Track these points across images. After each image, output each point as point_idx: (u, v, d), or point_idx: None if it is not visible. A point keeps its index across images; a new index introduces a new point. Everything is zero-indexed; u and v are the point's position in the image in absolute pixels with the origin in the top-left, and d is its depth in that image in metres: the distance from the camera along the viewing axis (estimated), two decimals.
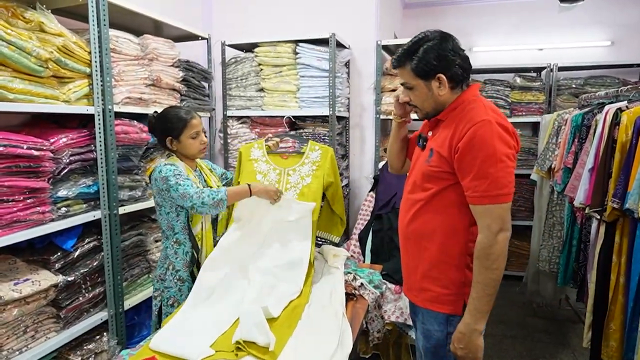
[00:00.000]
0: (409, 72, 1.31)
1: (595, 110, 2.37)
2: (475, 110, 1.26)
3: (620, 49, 4.13)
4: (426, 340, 1.40)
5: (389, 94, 3.06)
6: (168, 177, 1.64)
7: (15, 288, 1.57)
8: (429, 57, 1.28)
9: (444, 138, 1.29)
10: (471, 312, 1.23)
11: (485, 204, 1.20)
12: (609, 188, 1.90)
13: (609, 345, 1.94)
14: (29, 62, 1.56)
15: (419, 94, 1.34)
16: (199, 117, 1.82)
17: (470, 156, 1.20)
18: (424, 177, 1.35)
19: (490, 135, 1.19)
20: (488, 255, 1.20)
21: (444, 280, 1.33)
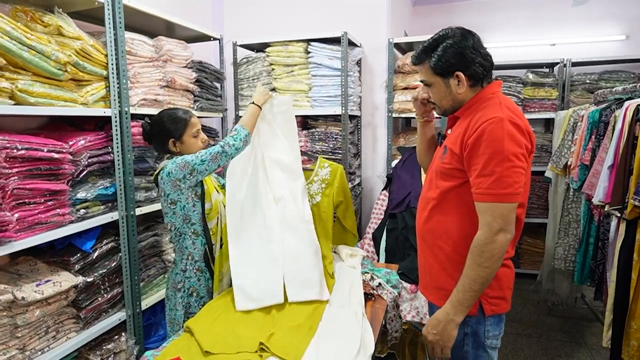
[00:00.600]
0: (428, 69, 1.32)
1: (613, 106, 2.34)
2: (489, 108, 1.25)
3: (635, 43, 4.07)
4: None
5: (401, 92, 3.05)
6: (186, 160, 1.61)
7: (37, 289, 1.59)
8: (448, 55, 1.27)
9: (457, 135, 1.29)
10: (453, 303, 1.22)
11: (487, 201, 1.18)
12: (630, 185, 1.87)
13: (630, 344, 1.92)
14: (48, 65, 1.57)
15: (437, 91, 1.35)
16: (197, 116, 1.84)
17: (478, 153, 1.19)
18: (437, 175, 1.36)
19: (500, 132, 1.17)
20: (482, 252, 1.18)
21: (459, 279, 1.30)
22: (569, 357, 2.71)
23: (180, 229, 1.72)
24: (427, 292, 1.47)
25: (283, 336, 1.28)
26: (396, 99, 3.04)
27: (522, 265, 4.00)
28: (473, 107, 1.31)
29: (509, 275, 1.35)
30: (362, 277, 1.73)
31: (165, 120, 1.76)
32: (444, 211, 1.33)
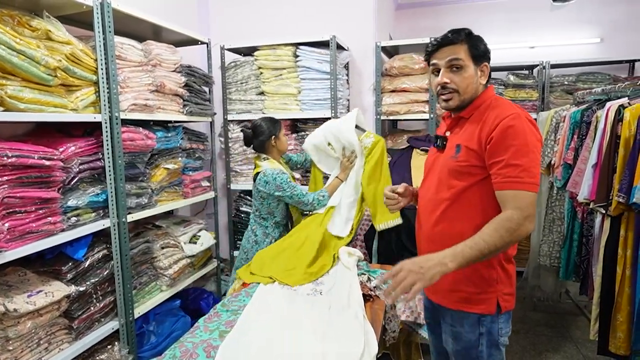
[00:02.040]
0: (465, 50, 1.30)
1: (594, 107, 2.42)
2: (504, 106, 1.29)
3: (609, 46, 4.22)
4: (456, 342, 1.38)
5: (389, 94, 3.08)
6: (283, 187, 2.13)
7: (29, 300, 1.55)
8: (483, 44, 1.33)
9: (471, 132, 1.30)
10: (456, 252, 1.15)
11: (516, 189, 1.19)
12: (614, 183, 1.94)
13: (616, 336, 1.99)
14: (38, 71, 1.54)
15: (468, 76, 1.31)
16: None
17: (505, 144, 1.21)
18: (450, 174, 1.34)
19: (522, 127, 1.22)
20: (509, 228, 1.17)
21: (476, 279, 1.32)
22: (556, 352, 2.78)
23: (263, 216, 2.25)
24: (436, 296, 1.44)
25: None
26: (384, 101, 3.08)
27: None
28: (482, 107, 1.33)
29: (515, 271, 1.38)
30: (359, 278, 1.74)
31: (264, 124, 2.27)
32: (459, 211, 1.32)
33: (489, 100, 1.33)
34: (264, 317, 1.43)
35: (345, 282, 1.67)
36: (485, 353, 1.34)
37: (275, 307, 1.50)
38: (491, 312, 1.31)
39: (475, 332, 1.33)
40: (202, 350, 1.25)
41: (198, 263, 2.67)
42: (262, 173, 2.16)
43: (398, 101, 3.04)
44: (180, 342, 1.32)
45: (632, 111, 1.88)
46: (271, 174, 2.13)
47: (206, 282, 3.12)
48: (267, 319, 1.42)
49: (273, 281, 1.69)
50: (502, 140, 1.21)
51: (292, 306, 1.50)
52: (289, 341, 1.31)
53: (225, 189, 3.17)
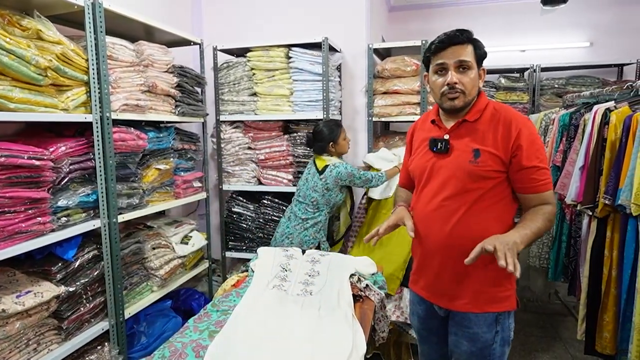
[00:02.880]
0: (471, 53, 1.34)
1: (582, 110, 2.46)
2: (509, 110, 1.38)
3: (599, 50, 4.28)
4: (472, 343, 1.39)
5: (381, 96, 3.10)
6: (354, 173, 2.46)
7: (17, 300, 1.55)
8: (484, 48, 1.38)
9: (492, 138, 1.34)
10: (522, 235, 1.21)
11: (550, 189, 1.34)
12: (600, 185, 1.98)
13: (602, 336, 2.02)
14: (28, 70, 1.54)
15: (474, 78, 1.35)
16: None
17: (533, 150, 1.31)
18: (470, 178, 1.34)
19: (536, 132, 1.36)
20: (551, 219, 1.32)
21: (498, 278, 1.35)
22: (545, 352, 2.81)
23: (319, 206, 2.50)
24: (460, 303, 1.40)
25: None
26: (376, 103, 3.10)
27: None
28: (486, 110, 1.37)
29: None
30: (349, 279, 1.75)
31: (325, 130, 2.53)
32: (478, 214, 1.34)
33: (490, 104, 1.39)
34: (254, 318, 1.44)
35: (336, 283, 1.68)
36: (498, 351, 1.39)
37: (265, 307, 1.50)
38: (513, 307, 1.39)
39: (492, 332, 1.37)
40: (192, 350, 1.26)
41: (189, 264, 2.67)
42: (333, 165, 2.45)
43: (390, 103, 3.06)
44: (169, 342, 1.32)
45: (617, 114, 1.91)
46: (344, 165, 2.47)
47: (198, 283, 3.12)
48: (257, 319, 1.43)
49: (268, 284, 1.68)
50: (530, 146, 1.31)
51: (282, 306, 1.51)
52: (278, 341, 1.32)
53: (217, 189, 3.17)
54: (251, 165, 3.08)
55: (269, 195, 3.07)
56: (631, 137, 1.81)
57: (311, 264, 1.80)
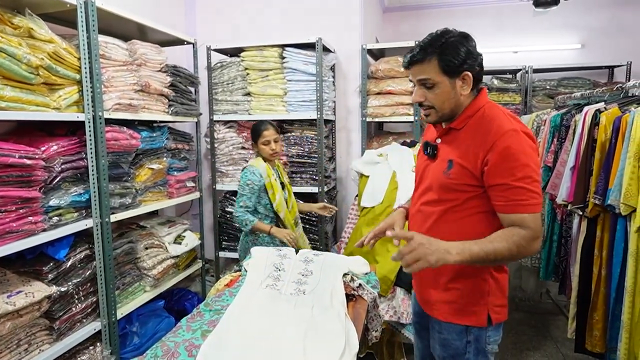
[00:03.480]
0: (435, 67, 1.21)
1: (573, 111, 2.49)
2: (499, 120, 1.20)
3: (590, 52, 4.33)
4: (443, 349, 1.38)
5: (375, 97, 3.12)
6: (240, 185, 2.28)
7: (8, 301, 1.54)
8: (460, 52, 1.20)
9: (465, 149, 1.23)
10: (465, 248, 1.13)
11: (522, 212, 1.15)
12: (590, 185, 2.00)
13: (592, 335, 2.04)
14: (20, 69, 1.53)
15: (441, 93, 1.23)
16: (273, 129, 2.31)
17: (505, 166, 1.15)
18: (442, 190, 1.29)
19: (521, 144, 1.15)
20: (519, 245, 1.14)
21: (467, 292, 1.30)
22: (536, 350, 2.84)
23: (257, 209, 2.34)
24: (427, 306, 1.43)
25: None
26: (369, 103, 3.11)
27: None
28: (475, 117, 1.25)
29: (507, 280, 1.36)
30: (342, 278, 1.76)
31: (253, 128, 2.37)
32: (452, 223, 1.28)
33: (481, 110, 1.25)
34: (247, 317, 1.44)
35: (329, 282, 1.68)
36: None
37: (258, 306, 1.50)
38: (482, 324, 1.30)
39: (462, 340, 1.33)
40: (184, 349, 1.26)
41: (182, 264, 2.67)
42: (245, 168, 2.33)
43: (383, 103, 3.08)
44: (162, 342, 1.32)
45: (607, 115, 1.94)
46: (245, 171, 2.29)
47: (191, 283, 3.11)
48: (250, 319, 1.43)
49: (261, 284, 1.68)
50: (502, 162, 1.15)
51: (275, 306, 1.51)
52: (271, 340, 1.32)
53: (211, 189, 3.17)
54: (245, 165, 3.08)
55: None
56: (620, 138, 1.83)
57: (304, 263, 1.80)
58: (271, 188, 2.30)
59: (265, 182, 2.28)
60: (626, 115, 1.83)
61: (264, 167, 2.30)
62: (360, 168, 2.85)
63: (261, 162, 2.32)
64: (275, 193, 2.31)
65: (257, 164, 2.31)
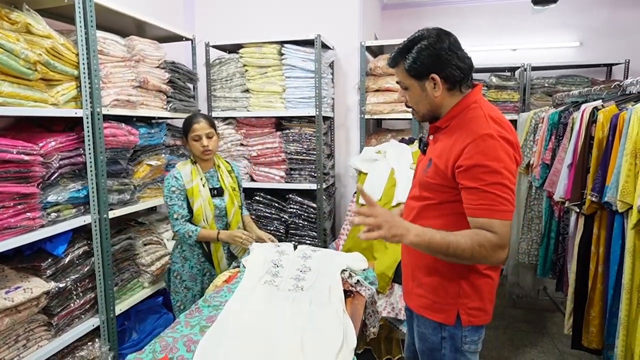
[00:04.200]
0: (403, 72, 1.28)
1: (571, 109, 2.49)
2: (476, 121, 1.20)
3: (589, 50, 4.33)
4: (422, 342, 1.43)
5: (373, 94, 3.12)
6: (165, 193, 2.01)
7: (7, 296, 1.54)
8: (422, 56, 1.23)
9: (441, 149, 1.26)
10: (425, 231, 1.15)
11: (489, 217, 1.13)
12: (588, 183, 2.01)
13: (589, 331, 2.05)
14: (17, 64, 1.52)
15: (413, 95, 1.30)
16: (206, 123, 2.02)
17: (475, 171, 1.15)
18: (422, 187, 1.34)
19: (495, 151, 1.14)
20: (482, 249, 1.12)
21: (439, 289, 1.32)
22: (533, 346, 2.86)
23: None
24: (407, 298, 1.49)
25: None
26: (368, 100, 3.11)
27: None
28: (457, 117, 1.26)
29: (491, 286, 1.32)
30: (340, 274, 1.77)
31: (184, 121, 2.07)
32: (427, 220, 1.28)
33: (466, 110, 1.25)
34: (245, 313, 1.44)
35: (327, 279, 1.69)
36: (449, 357, 1.35)
37: (256, 302, 1.51)
38: (450, 323, 1.31)
39: (437, 336, 1.35)
40: (183, 344, 1.26)
41: None
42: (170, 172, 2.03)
43: (382, 100, 3.08)
44: (160, 337, 1.32)
45: (605, 113, 1.94)
46: (168, 176, 2.01)
47: None
48: (248, 315, 1.43)
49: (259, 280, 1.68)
50: (473, 167, 1.15)
51: (273, 302, 1.52)
52: (269, 337, 1.33)
53: None
54: (243, 161, 3.08)
55: (261, 192, 3.07)
56: (617, 136, 1.84)
57: (303, 259, 1.81)
58: (191, 195, 2.00)
59: (186, 187, 1.99)
60: (623, 113, 1.84)
61: (188, 170, 2.02)
62: (358, 165, 2.85)
63: (187, 165, 2.04)
64: (196, 200, 2.00)
65: (181, 167, 2.04)
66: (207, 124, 2.02)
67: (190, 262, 2.08)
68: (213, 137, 2.04)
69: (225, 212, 2.08)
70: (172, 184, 1.98)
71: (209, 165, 2.10)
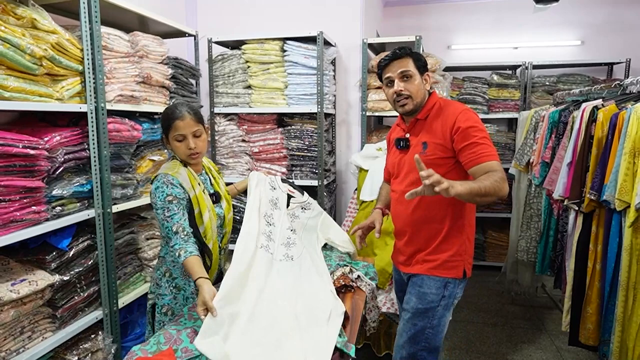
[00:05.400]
0: (411, 63, 1.60)
1: (571, 108, 2.51)
2: (453, 105, 1.61)
3: (590, 48, 4.34)
4: (419, 301, 1.63)
5: (375, 91, 3.13)
6: (157, 205, 1.52)
7: (12, 289, 1.56)
8: (423, 58, 1.65)
9: (434, 130, 1.59)
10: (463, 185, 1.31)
11: (491, 160, 1.45)
12: (587, 181, 2.03)
13: (586, 327, 2.08)
14: (23, 59, 1.54)
15: (418, 83, 1.61)
16: (192, 118, 1.60)
17: (470, 130, 1.49)
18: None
19: (476, 118, 1.55)
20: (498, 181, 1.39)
21: (451, 250, 1.61)
22: (531, 343, 2.89)
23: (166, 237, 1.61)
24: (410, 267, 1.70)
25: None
26: (370, 97, 3.12)
27: (487, 258, 4.19)
28: (434, 108, 1.62)
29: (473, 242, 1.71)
30: (341, 269, 1.79)
31: (161, 116, 1.66)
32: (431, 199, 1.54)
33: (437, 102, 1.63)
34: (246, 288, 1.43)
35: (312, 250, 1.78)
36: (439, 313, 1.61)
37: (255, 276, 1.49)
38: (459, 276, 1.62)
39: (439, 295, 1.61)
40: (186, 335, 1.28)
41: None
42: (154, 180, 1.58)
43: (383, 97, 3.08)
44: (164, 330, 1.34)
45: (604, 112, 1.96)
46: (156, 183, 1.56)
47: None
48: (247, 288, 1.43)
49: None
50: (467, 128, 1.50)
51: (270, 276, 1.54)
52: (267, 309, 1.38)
53: None
54: (245, 157, 3.09)
55: None
56: (617, 135, 1.86)
57: (290, 218, 1.84)
58: (197, 205, 1.59)
59: (190, 195, 1.58)
60: (623, 112, 1.86)
61: (185, 175, 1.60)
62: (359, 162, 2.87)
63: (180, 169, 1.61)
64: (203, 211, 1.60)
65: (174, 171, 1.59)
66: (194, 120, 1.60)
67: (184, 291, 1.65)
68: (201, 135, 1.63)
69: (223, 221, 1.72)
70: (168, 191, 1.52)
71: (199, 169, 1.73)
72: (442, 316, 1.63)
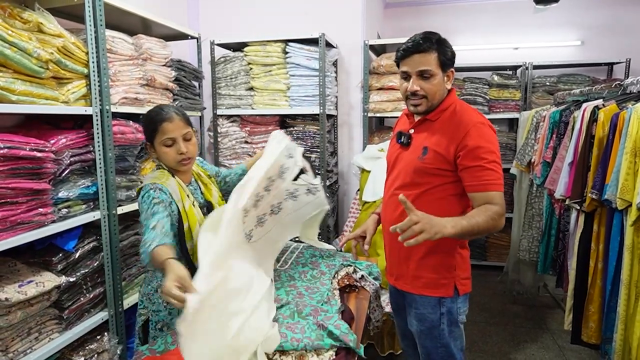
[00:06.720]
0: (435, 60, 1.38)
1: (572, 108, 2.52)
2: (469, 113, 1.42)
3: (590, 49, 4.35)
4: (420, 323, 1.52)
5: (376, 92, 3.15)
6: (143, 208, 1.41)
7: (20, 290, 1.57)
8: (451, 50, 1.41)
9: (440, 138, 1.41)
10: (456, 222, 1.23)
11: (493, 190, 1.33)
12: (588, 180, 2.04)
13: (588, 326, 2.09)
14: (30, 63, 1.55)
15: (438, 83, 1.41)
16: (181, 119, 1.51)
17: (479, 151, 1.34)
18: (416, 174, 1.44)
19: (489, 135, 1.37)
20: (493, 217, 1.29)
21: (437, 267, 1.47)
22: (533, 342, 2.90)
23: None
24: (400, 282, 1.57)
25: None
26: (371, 99, 3.14)
27: (489, 257, 4.20)
28: (447, 111, 1.44)
29: (468, 257, 1.56)
30: (345, 269, 1.80)
31: (144, 119, 1.54)
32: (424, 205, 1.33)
33: (453, 105, 1.45)
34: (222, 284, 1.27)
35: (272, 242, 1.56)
36: (447, 331, 1.49)
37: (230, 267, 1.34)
38: (449, 295, 1.47)
39: (437, 313, 1.49)
40: None
41: None
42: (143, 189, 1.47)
43: (385, 99, 3.11)
44: (171, 330, 1.36)
45: (605, 112, 1.97)
46: (143, 191, 1.45)
47: None
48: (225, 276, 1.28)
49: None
50: (475, 148, 1.34)
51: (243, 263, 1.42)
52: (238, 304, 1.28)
53: None
54: (248, 159, 3.11)
55: None
56: (617, 134, 1.87)
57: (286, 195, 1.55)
58: (186, 219, 1.46)
59: (179, 207, 1.45)
60: (623, 112, 1.87)
61: (175, 186, 1.48)
62: (361, 163, 2.88)
63: (167, 177, 1.49)
64: (193, 227, 1.47)
65: (162, 181, 1.46)
66: (183, 121, 1.50)
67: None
68: (191, 138, 1.52)
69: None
70: (155, 195, 1.40)
71: (189, 177, 1.59)
72: (450, 332, 1.50)
